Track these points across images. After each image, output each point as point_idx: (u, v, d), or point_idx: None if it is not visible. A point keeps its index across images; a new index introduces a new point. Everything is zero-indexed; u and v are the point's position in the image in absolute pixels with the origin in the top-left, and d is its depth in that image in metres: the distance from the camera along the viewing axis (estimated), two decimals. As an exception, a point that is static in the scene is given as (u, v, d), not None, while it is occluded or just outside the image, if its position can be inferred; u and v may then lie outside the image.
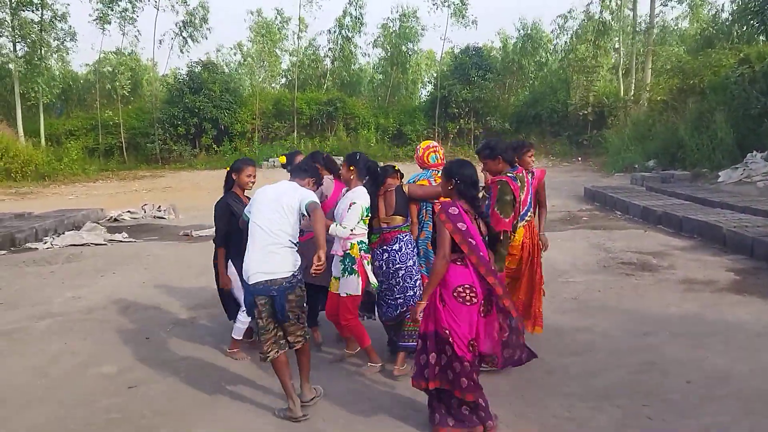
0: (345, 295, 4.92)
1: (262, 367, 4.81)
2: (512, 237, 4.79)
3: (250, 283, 4.27)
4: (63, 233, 12.70)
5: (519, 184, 4.82)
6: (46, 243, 11.78)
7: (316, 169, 5.06)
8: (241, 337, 5.51)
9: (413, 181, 5.34)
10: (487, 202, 4.82)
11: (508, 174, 4.80)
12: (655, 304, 6.53)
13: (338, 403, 4.49)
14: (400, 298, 5.02)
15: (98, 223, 13.97)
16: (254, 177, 5.68)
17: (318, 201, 4.39)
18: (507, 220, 4.67)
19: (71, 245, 11.61)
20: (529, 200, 5.11)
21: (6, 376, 5.26)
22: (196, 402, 4.63)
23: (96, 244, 11.72)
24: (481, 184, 4.83)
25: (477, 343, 3.89)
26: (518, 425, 4.09)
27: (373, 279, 4.90)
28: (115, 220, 15.07)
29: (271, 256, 4.23)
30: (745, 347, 5.37)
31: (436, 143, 5.64)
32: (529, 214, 5.04)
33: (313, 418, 4.27)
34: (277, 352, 4.29)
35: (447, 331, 3.83)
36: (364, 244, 4.95)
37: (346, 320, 4.97)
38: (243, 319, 5.40)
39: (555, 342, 5.49)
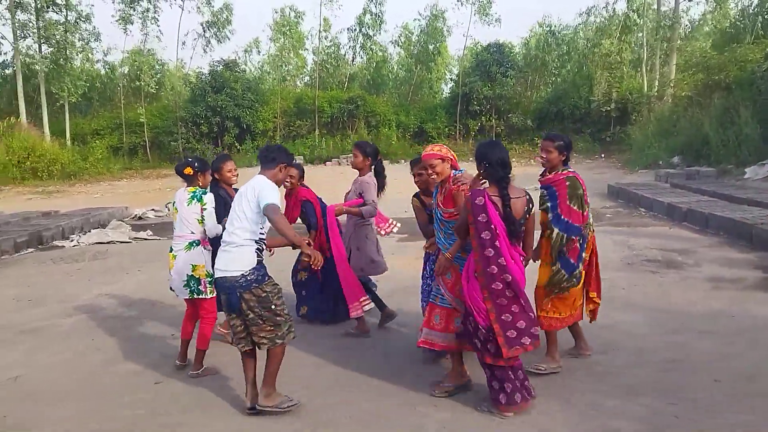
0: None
1: (287, 359, 4.72)
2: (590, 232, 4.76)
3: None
4: (89, 231, 12.90)
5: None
6: (72, 241, 11.96)
7: (284, 153, 4.44)
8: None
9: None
10: (548, 203, 4.84)
11: (569, 170, 4.82)
12: (680, 302, 6.45)
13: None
14: None
15: (123, 221, 14.16)
16: (235, 171, 5.79)
17: (277, 202, 4.19)
18: (584, 213, 4.73)
19: (97, 243, 11.78)
20: None
21: (34, 371, 5.35)
22: (221, 398, 4.67)
23: (121, 242, 11.87)
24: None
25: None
26: (542, 422, 4.07)
27: None
28: (140, 218, 15.25)
29: (224, 254, 4.27)
30: (773, 346, 5.29)
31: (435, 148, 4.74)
32: None
33: (336, 414, 4.28)
34: (244, 346, 4.35)
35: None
36: None
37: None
38: None
39: (579, 340, 5.44)
